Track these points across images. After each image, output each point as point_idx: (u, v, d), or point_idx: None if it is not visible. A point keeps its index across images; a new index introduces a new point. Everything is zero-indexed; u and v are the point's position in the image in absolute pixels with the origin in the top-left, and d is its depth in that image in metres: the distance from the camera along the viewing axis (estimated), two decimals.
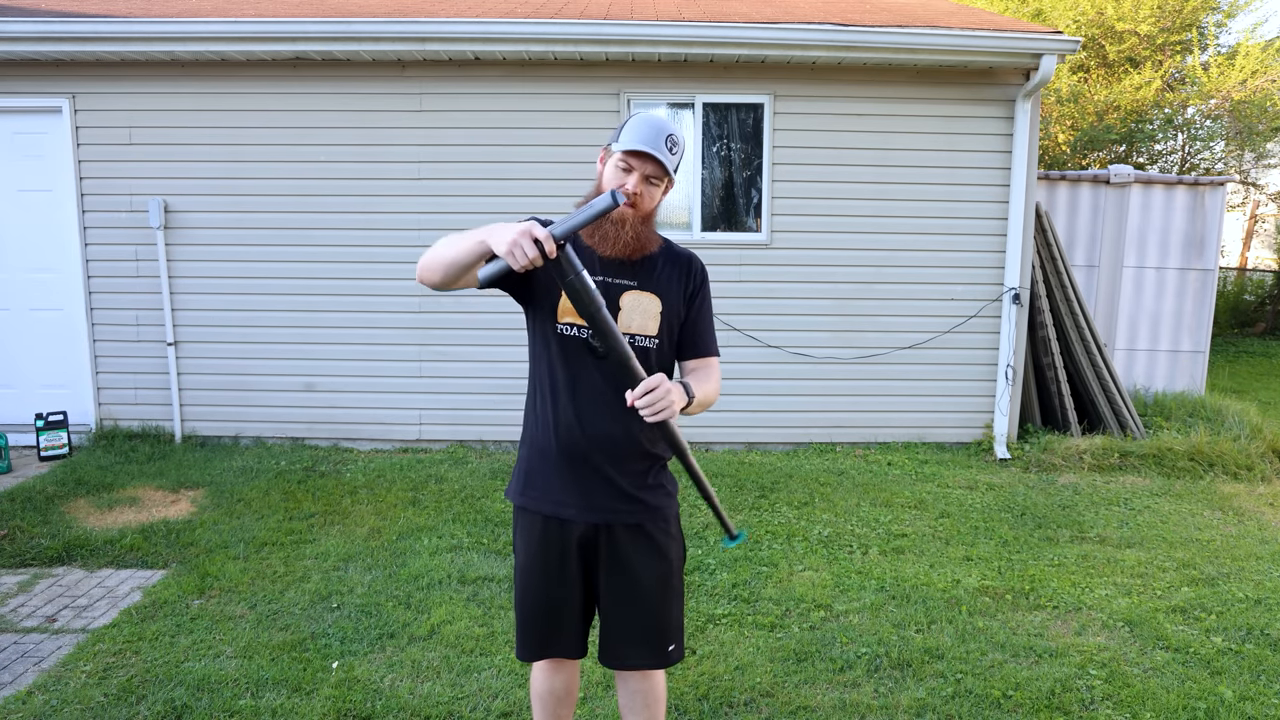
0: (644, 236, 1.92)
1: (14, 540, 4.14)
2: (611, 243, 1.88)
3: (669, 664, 2.05)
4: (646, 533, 1.99)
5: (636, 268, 1.95)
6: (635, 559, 1.98)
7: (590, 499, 1.95)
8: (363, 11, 5.76)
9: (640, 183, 1.87)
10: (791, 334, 6.04)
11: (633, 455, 1.95)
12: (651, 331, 1.94)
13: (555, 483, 1.97)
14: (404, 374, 6.00)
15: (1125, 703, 2.85)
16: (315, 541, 4.19)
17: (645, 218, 1.92)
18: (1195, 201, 7.24)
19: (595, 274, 1.90)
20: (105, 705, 2.77)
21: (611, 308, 1.91)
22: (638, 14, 5.77)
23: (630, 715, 2.12)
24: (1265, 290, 14.52)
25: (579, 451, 1.93)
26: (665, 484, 2.04)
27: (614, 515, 1.96)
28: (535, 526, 2.00)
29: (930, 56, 5.55)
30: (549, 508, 1.98)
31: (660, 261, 1.98)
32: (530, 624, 2.04)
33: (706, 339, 2.04)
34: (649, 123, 1.88)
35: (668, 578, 2.02)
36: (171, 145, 5.79)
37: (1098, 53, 12.75)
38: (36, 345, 6.03)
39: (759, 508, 4.75)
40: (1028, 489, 5.19)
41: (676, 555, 2.06)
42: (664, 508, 2.02)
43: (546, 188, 5.80)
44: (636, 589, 1.98)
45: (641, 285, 1.95)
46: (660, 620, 2.01)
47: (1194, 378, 7.42)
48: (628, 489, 1.96)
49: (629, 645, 2.02)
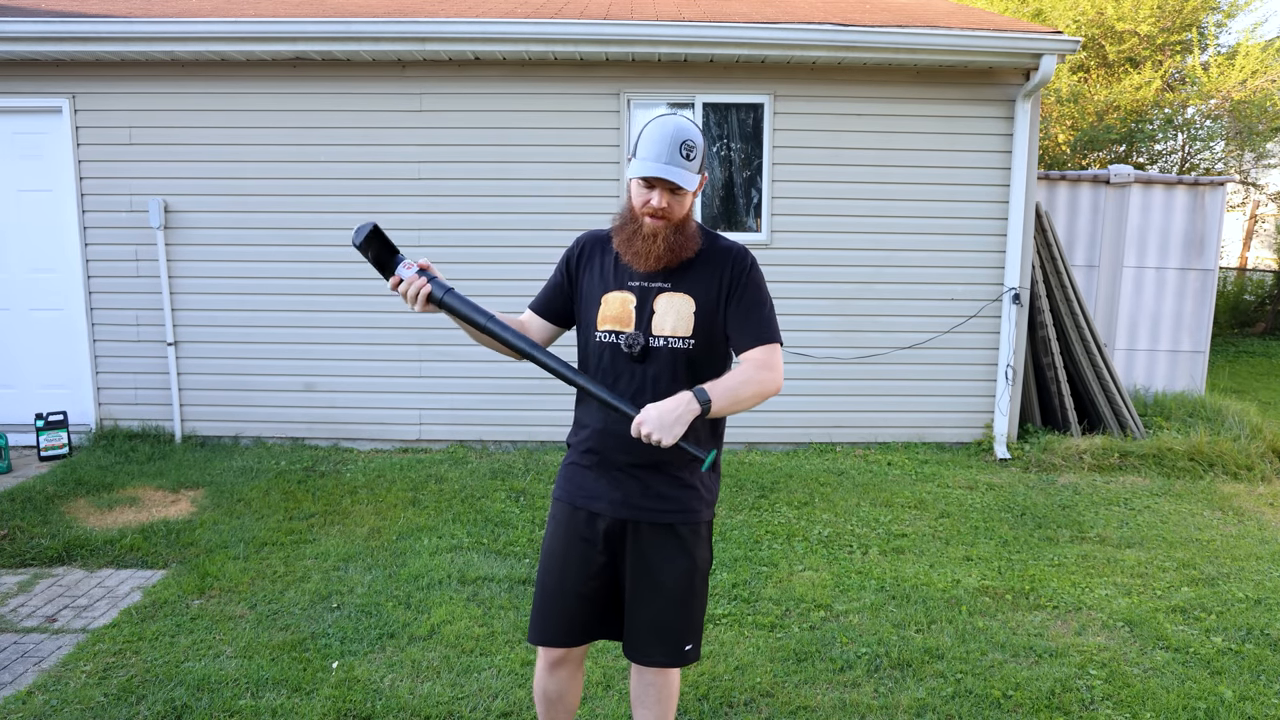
0: (678, 245, 1.92)
1: (14, 540, 4.14)
2: (644, 257, 1.91)
3: (685, 663, 2.07)
4: (676, 532, 2.00)
5: (672, 269, 1.96)
6: (661, 556, 2.00)
7: (623, 496, 1.99)
8: (363, 11, 5.76)
9: (664, 196, 1.87)
10: (791, 334, 6.01)
11: (667, 457, 1.95)
12: (685, 333, 1.94)
13: (591, 481, 2.02)
14: (404, 374, 5.99)
15: (1125, 703, 2.85)
16: (315, 541, 4.19)
17: (679, 225, 1.92)
18: (1195, 201, 7.24)
19: (631, 280, 1.96)
20: (105, 705, 2.77)
21: (646, 311, 1.95)
22: (638, 14, 5.77)
23: (640, 707, 2.14)
24: (1265, 290, 14.52)
25: (614, 454, 1.98)
26: (701, 488, 2.04)
27: (645, 513, 1.99)
28: (564, 514, 2.05)
29: (930, 56, 5.55)
30: (581, 500, 2.03)
31: (699, 260, 1.97)
32: (543, 605, 2.07)
33: (756, 328, 1.97)
34: (660, 136, 1.85)
35: (691, 578, 2.02)
36: (171, 145, 5.79)
37: (1098, 53, 12.75)
38: (36, 345, 6.03)
39: (759, 508, 4.75)
40: (1028, 489, 5.19)
41: (703, 559, 2.06)
42: (697, 511, 2.03)
43: (547, 188, 5.80)
44: (660, 586, 2.00)
45: (675, 286, 1.95)
46: (681, 619, 2.03)
47: (1194, 378, 7.42)
48: (661, 489, 1.98)
49: (648, 642, 2.03)
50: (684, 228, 1.93)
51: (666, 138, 1.84)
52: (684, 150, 1.85)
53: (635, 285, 1.96)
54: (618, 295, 1.98)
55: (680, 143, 1.84)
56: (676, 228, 1.91)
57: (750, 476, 5.29)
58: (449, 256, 5.76)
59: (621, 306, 1.97)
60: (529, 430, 5.97)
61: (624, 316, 1.96)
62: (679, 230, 1.91)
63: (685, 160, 1.85)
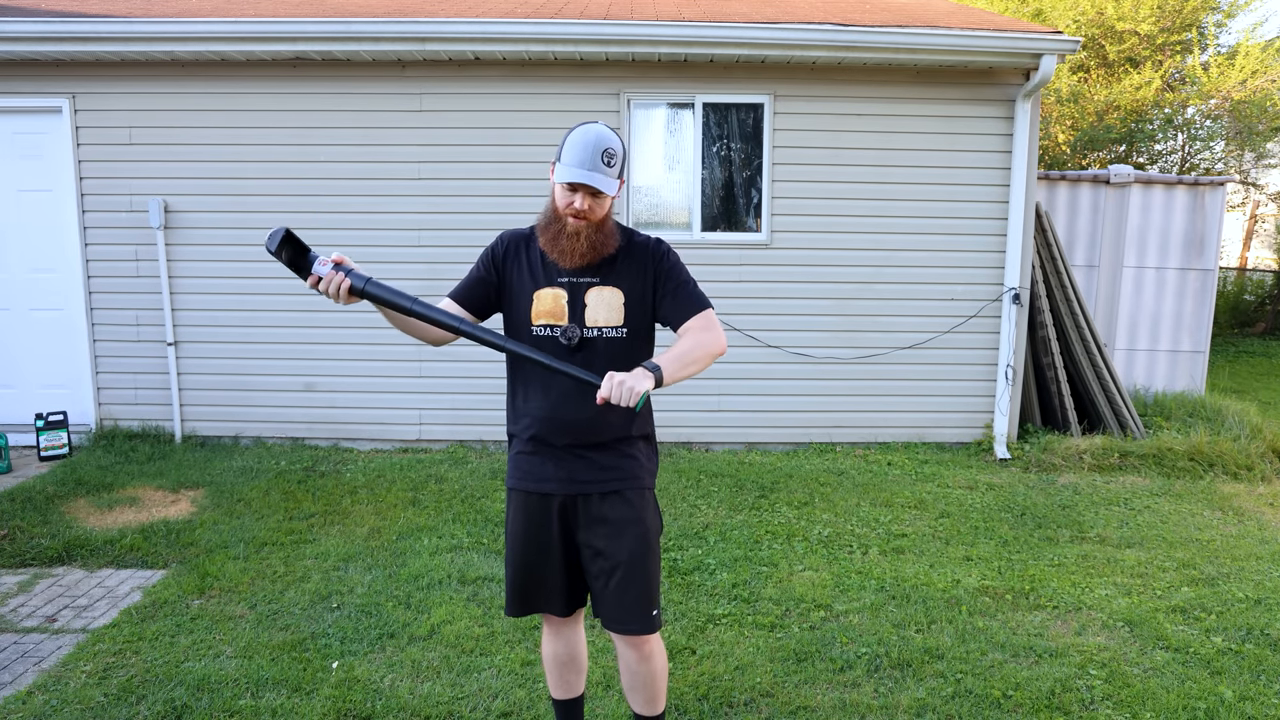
0: (599, 243, 2.07)
1: (14, 540, 4.14)
2: (569, 255, 2.06)
3: (654, 628, 2.17)
4: (624, 498, 2.13)
5: (599, 265, 2.11)
6: (614, 521, 2.12)
7: (569, 474, 2.12)
8: (363, 11, 5.76)
9: (586, 199, 2.01)
10: (791, 334, 6.04)
11: (606, 436, 2.12)
12: (617, 322, 2.10)
13: (539, 465, 2.15)
14: (404, 374, 6.00)
15: (1125, 703, 2.85)
16: (315, 541, 4.19)
17: (599, 225, 2.07)
18: (1195, 201, 7.24)
19: (560, 276, 2.11)
20: (105, 705, 2.77)
21: (578, 305, 2.10)
22: (638, 14, 5.77)
23: (632, 693, 2.29)
24: (1265, 290, 14.52)
25: (558, 438, 2.11)
26: (640, 456, 2.18)
27: (592, 485, 2.13)
28: (519, 500, 2.20)
29: (930, 56, 5.55)
30: (533, 485, 2.16)
31: (620, 255, 2.13)
32: (512, 582, 2.23)
33: (687, 302, 2.12)
34: (583, 144, 1.99)
35: (646, 539, 2.14)
36: (171, 145, 5.79)
37: (1098, 53, 12.75)
38: (36, 345, 6.03)
39: (759, 508, 4.75)
40: (1028, 489, 5.19)
41: (653, 521, 2.19)
42: (639, 476, 2.16)
43: (547, 188, 5.78)
44: (618, 550, 2.11)
45: (604, 280, 2.11)
46: (642, 581, 2.13)
47: (1194, 378, 7.42)
48: (604, 462, 2.13)
49: (615, 609, 2.14)
50: (603, 227, 2.08)
51: (590, 145, 1.98)
52: (605, 158, 1.99)
53: (565, 281, 2.10)
54: (549, 291, 2.11)
55: (602, 150, 1.98)
56: (597, 227, 2.06)
57: (750, 476, 5.29)
58: (449, 256, 5.78)
59: (554, 302, 2.10)
60: None
61: (557, 311, 2.10)
62: (599, 229, 2.06)
63: (606, 167, 2.00)
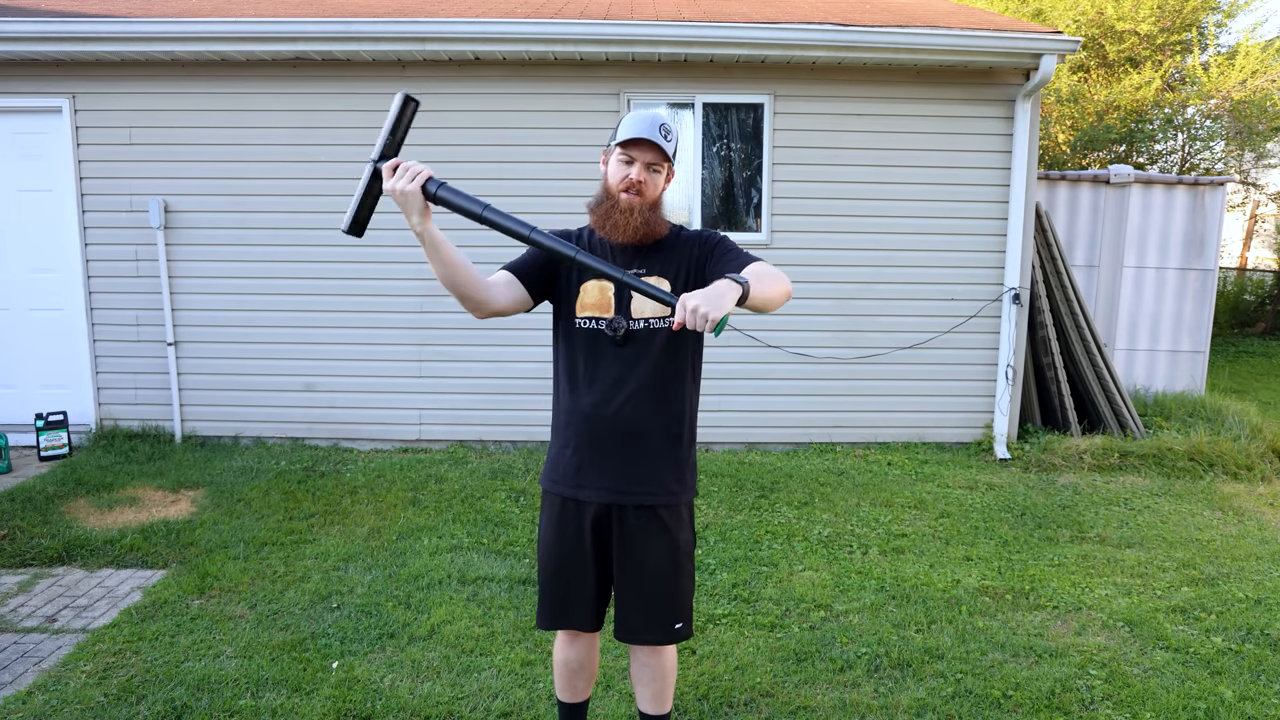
0: (652, 222, 2.04)
1: (14, 540, 4.14)
2: (621, 230, 2.02)
3: (676, 640, 2.17)
4: (658, 515, 2.09)
5: (646, 254, 2.08)
6: (645, 538, 2.09)
7: (605, 480, 2.08)
8: (363, 11, 5.76)
9: (643, 171, 2.01)
10: (791, 334, 6.04)
11: (651, 439, 2.08)
12: (664, 312, 2.04)
13: (576, 467, 2.11)
14: (404, 374, 5.99)
15: (1125, 703, 2.85)
16: (315, 541, 4.19)
17: (652, 204, 2.05)
18: (1195, 201, 7.24)
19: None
20: (105, 705, 2.77)
21: (624, 296, 2.06)
22: (638, 14, 5.77)
23: (640, 685, 2.26)
24: (1265, 290, 14.51)
25: (599, 437, 2.07)
26: (683, 465, 2.13)
27: (627, 496, 2.08)
28: (555, 507, 2.15)
29: (930, 56, 5.55)
30: (568, 490, 2.12)
31: (668, 245, 2.10)
32: (547, 595, 2.18)
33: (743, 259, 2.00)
34: (641, 115, 2.03)
35: (677, 559, 2.12)
36: (171, 145, 5.79)
37: (1098, 53, 12.75)
38: (36, 345, 6.03)
39: (759, 508, 4.75)
40: (1028, 489, 5.19)
41: (686, 540, 2.15)
42: (676, 493, 2.12)
43: (547, 188, 5.80)
44: (645, 567, 2.10)
45: (650, 270, 2.07)
46: (668, 598, 2.12)
47: (1194, 378, 7.42)
48: (643, 474, 2.08)
49: (638, 621, 2.13)
50: (656, 208, 2.07)
51: (647, 118, 2.01)
52: (662, 130, 2.00)
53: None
54: (595, 283, 2.09)
55: (659, 124, 2.01)
56: (651, 205, 2.04)
57: (750, 476, 5.29)
58: None
59: (600, 293, 2.08)
60: (529, 430, 5.97)
61: (603, 303, 2.07)
62: (653, 208, 2.05)
63: (664, 139, 2.01)
